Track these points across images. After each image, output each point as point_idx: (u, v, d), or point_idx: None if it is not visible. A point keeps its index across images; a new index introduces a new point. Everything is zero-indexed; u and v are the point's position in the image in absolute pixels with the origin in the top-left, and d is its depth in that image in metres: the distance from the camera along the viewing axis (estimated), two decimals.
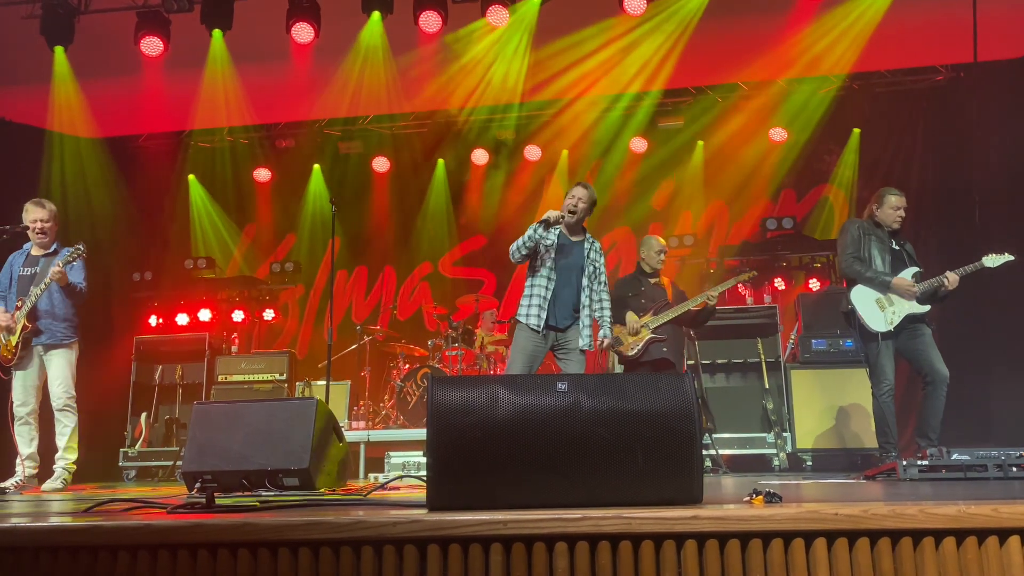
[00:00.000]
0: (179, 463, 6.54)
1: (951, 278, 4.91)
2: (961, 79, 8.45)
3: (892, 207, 5.16)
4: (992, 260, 4.94)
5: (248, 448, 3.87)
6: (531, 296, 4.97)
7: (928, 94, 8.70)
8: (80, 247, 5.29)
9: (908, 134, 8.77)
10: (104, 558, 2.03)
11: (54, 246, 5.52)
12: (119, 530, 2.03)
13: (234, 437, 3.94)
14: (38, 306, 5.28)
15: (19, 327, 5.24)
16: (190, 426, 4.13)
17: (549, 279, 4.93)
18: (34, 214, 5.41)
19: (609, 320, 5.13)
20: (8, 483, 5.18)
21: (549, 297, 4.91)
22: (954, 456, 3.95)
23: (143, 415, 7.98)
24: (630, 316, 5.87)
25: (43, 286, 5.23)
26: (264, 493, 3.69)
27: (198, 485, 3.68)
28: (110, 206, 9.35)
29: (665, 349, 5.82)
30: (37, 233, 5.40)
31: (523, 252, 4.92)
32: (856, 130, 8.95)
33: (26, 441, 5.33)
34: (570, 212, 4.95)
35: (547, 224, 4.88)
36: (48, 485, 5.25)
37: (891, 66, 8.69)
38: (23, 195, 5.53)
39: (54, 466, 5.34)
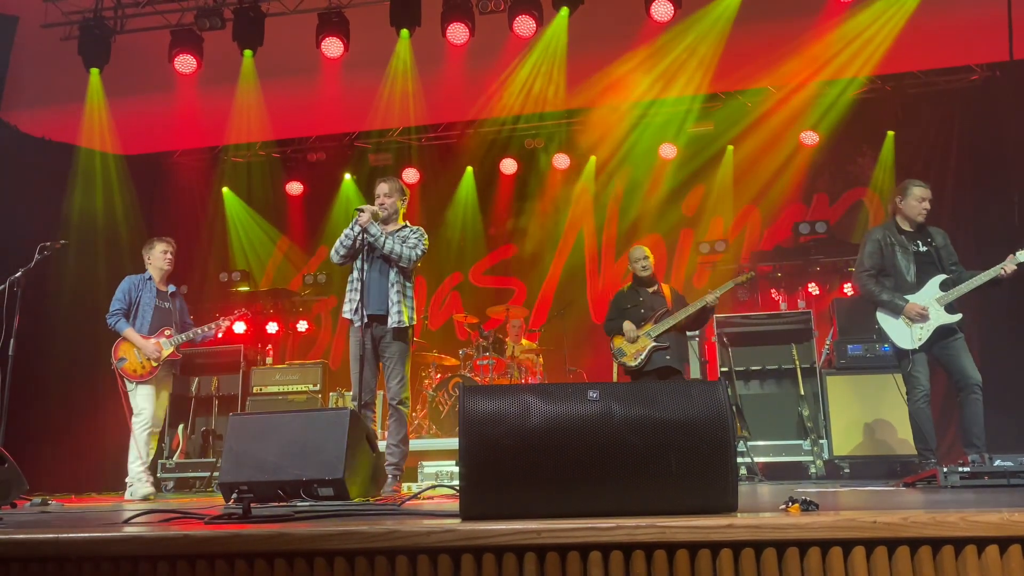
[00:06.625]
0: (216, 474, 6.63)
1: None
2: (997, 78, 8.29)
3: (917, 199, 4.99)
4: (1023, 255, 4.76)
5: (283, 458, 3.90)
6: (348, 292, 5.05)
7: (963, 94, 8.54)
8: None
9: (943, 135, 8.62)
10: (144, 568, 2.06)
11: (171, 287, 6.02)
12: (158, 540, 2.06)
13: (269, 448, 3.97)
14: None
15: (166, 353, 5.70)
16: (226, 437, 4.18)
17: (359, 269, 4.97)
18: (163, 246, 5.89)
19: None
20: (142, 492, 5.51)
21: (358, 287, 4.94)
22: (997, 462, 3.86)
23: (180, 427, 8.09)
24: (627, 325, 5.92)
25: (209, 328, 5.90)
26: (299, 503, 3.72)
27: (235, 496, 3.73)
28: (146, 222, 9.52)
29: (668, 357, 5.85)
30: (166, 268, 5.89)
31: (341, 253, 4.97)
32: (890, 133, 8.83)
33: (146, 452, 5.64)
34: (381, 207, 5.06)
35: (362, 220, 4.87)
36: (141, 492, 5.59)
37: (924, 66, 8.56)
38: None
39: (141, 476, 5.64)
